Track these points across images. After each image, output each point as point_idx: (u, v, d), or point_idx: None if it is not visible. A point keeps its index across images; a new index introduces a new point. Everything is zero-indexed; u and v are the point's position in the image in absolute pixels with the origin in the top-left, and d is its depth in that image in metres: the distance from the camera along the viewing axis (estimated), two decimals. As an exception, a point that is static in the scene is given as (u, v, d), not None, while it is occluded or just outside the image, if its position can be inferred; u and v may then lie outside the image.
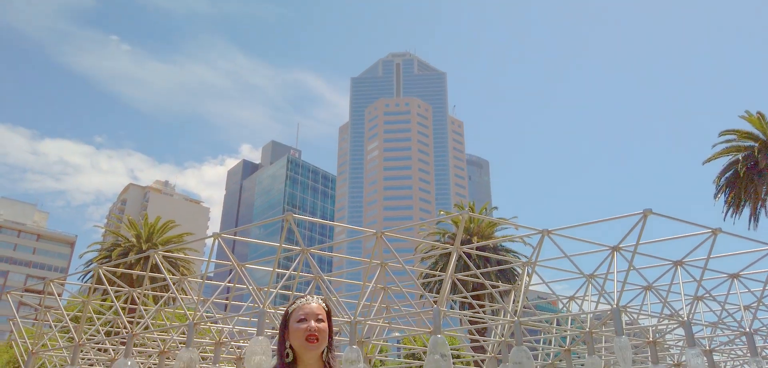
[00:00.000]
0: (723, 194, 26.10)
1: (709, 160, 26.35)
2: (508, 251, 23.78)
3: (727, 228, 9.05)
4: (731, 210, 25.74)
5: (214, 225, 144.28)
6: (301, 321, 2.31)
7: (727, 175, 25.89)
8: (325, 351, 2.33)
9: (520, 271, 22.83)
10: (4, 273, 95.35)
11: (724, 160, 26.16)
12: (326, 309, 2.40)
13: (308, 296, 2.42)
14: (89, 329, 10.56)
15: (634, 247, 7.58)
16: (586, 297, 9.44)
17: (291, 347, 2.30)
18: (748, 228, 24.57)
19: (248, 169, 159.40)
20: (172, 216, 42.74)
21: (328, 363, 2.32)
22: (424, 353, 9.87)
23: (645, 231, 7.50)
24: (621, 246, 7.99)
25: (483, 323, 11.07)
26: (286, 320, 2.37)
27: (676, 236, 8.22)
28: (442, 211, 37.32)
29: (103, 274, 9.25)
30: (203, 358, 10.20)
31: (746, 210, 25.27)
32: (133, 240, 35.35)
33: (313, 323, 2.30)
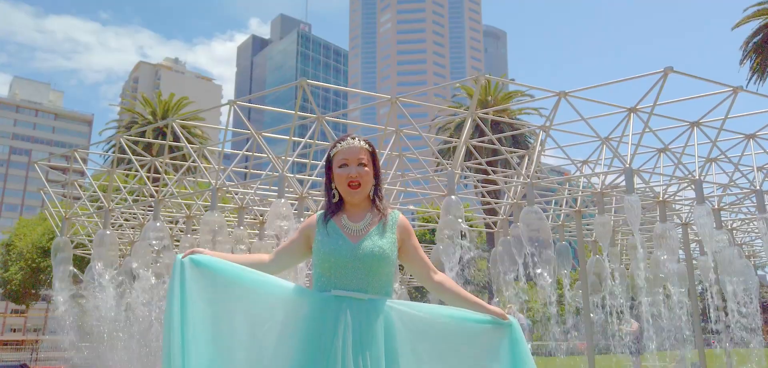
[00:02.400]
0: (749, 60, 25.23)
1: (738, 25, 25.18)
2: (523, 124, 23.73)
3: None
4: (756, 76, 25.01)
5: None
6: (342, 166, 2.28)
7: (755, 39, 24.83)
8: (373, 189, 2.31)
9: (533, 142, 22.94)
10: (28, 152, 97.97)
11: (754, 25, 24.96)
12: (369, 149, 2.32)
13: (349, 138, 2.31)
14: (116, 197, 11.04)
15: (652, 107, 7.51)
16: (599, 161, 9.53)
17: (336, 188, 2.31)
18: (771, 95, 24.00)
19: (258, 44, 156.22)
20: (184, 93, 42.76)
21: (375, 201, 2.31)
22: (439, 216, 10.22)
23: (663, 93, 7.40)
24: (638, 107, 7.92)
25: (496, 186, 11.34)
26: (329, 162, 2.33)
27: (695, 95, 8.11)
28: (457, 84, 36.80)
29: (125, 144, 9.50)
30: (227, 222, 10.69)
31: (771, 76, 24.55)
32: (150, 116, 35.77)
33: (354, 169, 2.26)
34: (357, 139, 2.32)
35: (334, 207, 2.31)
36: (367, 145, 2.32)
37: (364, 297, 2.13)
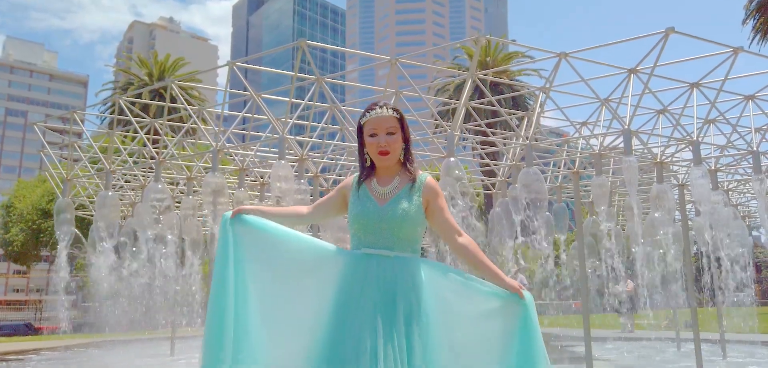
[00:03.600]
0: (752, 19, 24.97)
1: (742, -17, 24.82)
2: (523, 85, 23.61)
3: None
4: (758, 37, 24.80)
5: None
6: (372, 135, 2.43)
7: (759, -2, 24.54)
8: (402, 153, 2.47)
9: (532, 104, 22.86)
10: (24, 113, 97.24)
11: (759, -17, 24.63)
12: (398, 116, 2.46)
13: (378, 107, 2.44)
14: (116, 158, 11.07)
15: (652, 69, 7.50)
16: (598, 122, 9.56)
17: (368, 154, 2.47)
18: (772, 56, 23.83)
19: (254, 3, 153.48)
20: (180, 54, 42.25)
21: (406, 165, 2.47)
22: (437, 179, 10.29)
23: (664, 54, 7.38)
24: (638, 68, 7.91)
25: (495, 147, 11.38)
26: (360, 130, 2.48)
27: (695, 56, 8.09)
28: (457, 44, 36.33)
29: (125, 105, 9.48)
30: (227, 184, 10.75)
31: (773, 37, 24.34)
32: (146, 78, 35.46)
33: (383, 137, 2.41)
34: (385, 107, 2.44)
35: (367, 171, 2.48)
36: (395, 113, 2.45)
37: (390, 254, 2.30)
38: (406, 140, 2.49)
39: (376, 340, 2.12)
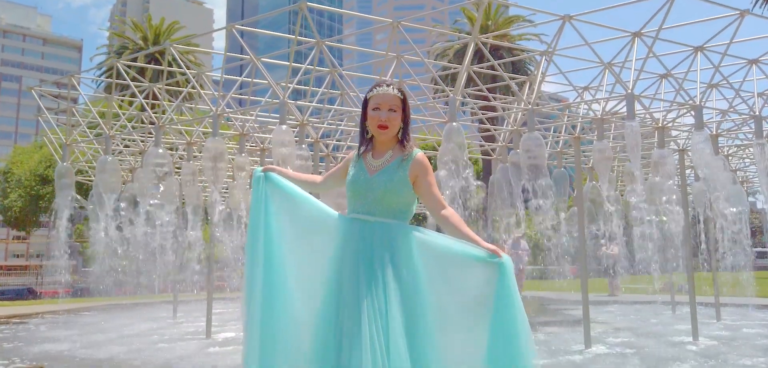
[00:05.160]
0: (756, -18, 24.54)
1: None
2: (524, 50, 23.33)
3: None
4: (761, 0, 24.42)
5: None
6: (375, 109, 2.65)
7: (766, -41, 24.08)
8: (401, 131, 2.68)
9: (533, 69, 22.65)
10: (18, 78, 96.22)
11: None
12: (401, 97, 2.67)
13: (385, 85, 2.68)
14: (115, 123, 10.99)
15: (657, 32, 7.41)
16: (601, 86, 9.49)
17: (369, 127, 2.70)
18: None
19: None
20: (175, 17, 41.55)
21: (403, 142, 2.67)
22: (438, 144, 10.27)
23: (669, 18, 7.29)
24: (643, 31, 7.82)
25: (496, 112, 11.31)
26: (365, 104, 2.71)
27: (700, 20, 7.99)
28: (458, 6, 35.82)
29: (122, 68, 9.37)
30: (227, 149, 10.72)
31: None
32: (141, 42, 34.97)
33: (384, 113, 2.63)
34: (392, 87, 2.68)
35: (367, 143, 2.72)
36: (399, 93, 2.68)
37: (371, 219, 2.57)
38: (406, 120, 2.69)
39: (359, 306, 2.37)
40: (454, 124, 7.50)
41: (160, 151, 8.99)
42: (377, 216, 2.56)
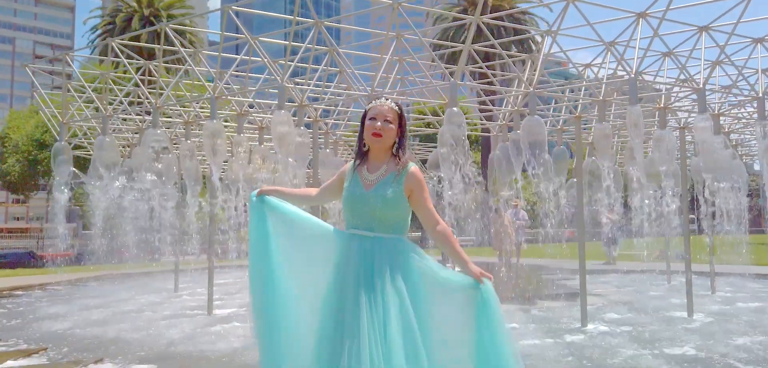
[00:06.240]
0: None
1: None
2: (526, 28, 22.84)
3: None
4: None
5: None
6: (372, 119, 2.75)
7: None
8: (395, 145, 2.76)
9: (534, 46, 22.22)
10: (11, 40, 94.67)
11: None
12: (397, 111, 2.79)
13: (383, 98, 2.82)
14: (112, 101, 10.87)
15: (663, 12, 7.27)
16: (603, 65, 9.36)
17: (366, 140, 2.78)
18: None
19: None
20: (168, -17, 40.58)
21: (398, 155, 2.76)
22: (439, 122, 10.19)
23: (674, -1, 7.13)
24: (648, 12, 7.66)
25: (495, 93, 11.20)
26: (364, 117, 2.81)
27: (707, 0, 7.83)
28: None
29: (117, 47, 9.21)
30: (225, 126, 10.64)
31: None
32: (135, 4, 34.31)
33: (380, 123, 2.72)
34: (390, 100, 2.81)
35: (363, 156, 2.79)
36: (396, 107, 2.80)
37: (370, 234, 2.64)
38: (401, 134, 2.78)
39: (359, 312, 2.46)
40: (455, 109, 7.42)
41: (159, 131, 8.92)
42: (375, 231, 2.64)
